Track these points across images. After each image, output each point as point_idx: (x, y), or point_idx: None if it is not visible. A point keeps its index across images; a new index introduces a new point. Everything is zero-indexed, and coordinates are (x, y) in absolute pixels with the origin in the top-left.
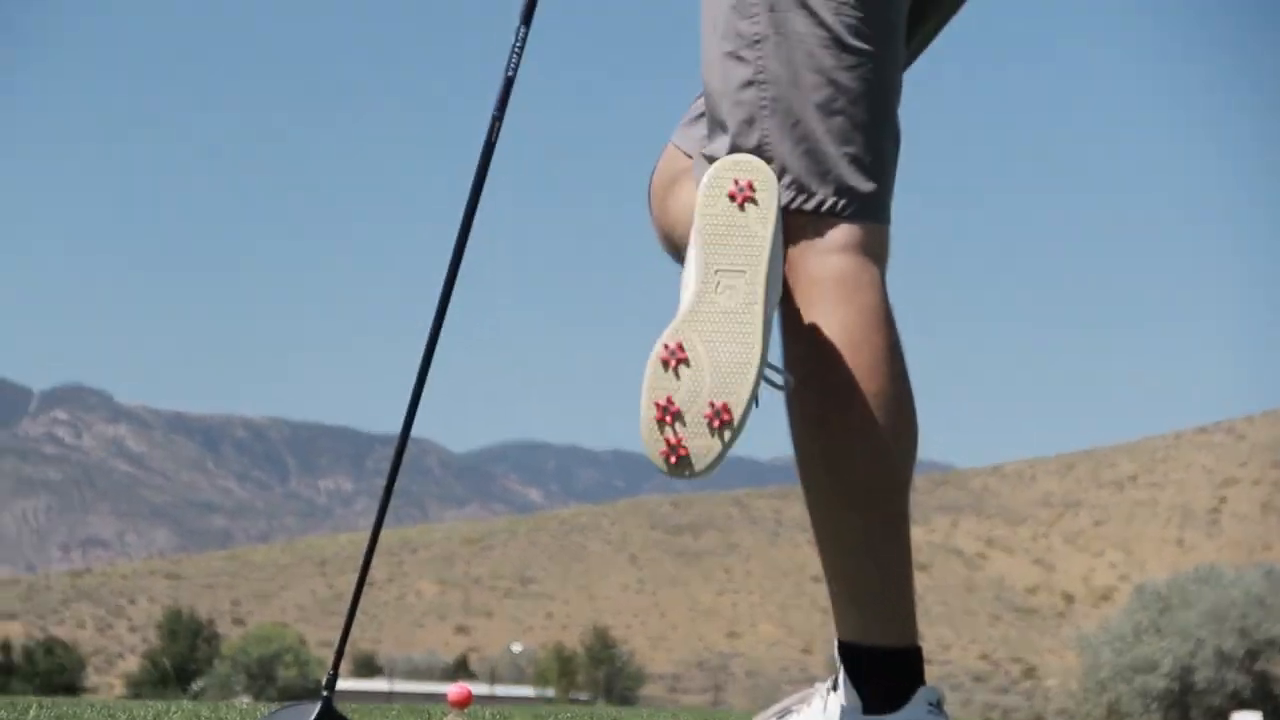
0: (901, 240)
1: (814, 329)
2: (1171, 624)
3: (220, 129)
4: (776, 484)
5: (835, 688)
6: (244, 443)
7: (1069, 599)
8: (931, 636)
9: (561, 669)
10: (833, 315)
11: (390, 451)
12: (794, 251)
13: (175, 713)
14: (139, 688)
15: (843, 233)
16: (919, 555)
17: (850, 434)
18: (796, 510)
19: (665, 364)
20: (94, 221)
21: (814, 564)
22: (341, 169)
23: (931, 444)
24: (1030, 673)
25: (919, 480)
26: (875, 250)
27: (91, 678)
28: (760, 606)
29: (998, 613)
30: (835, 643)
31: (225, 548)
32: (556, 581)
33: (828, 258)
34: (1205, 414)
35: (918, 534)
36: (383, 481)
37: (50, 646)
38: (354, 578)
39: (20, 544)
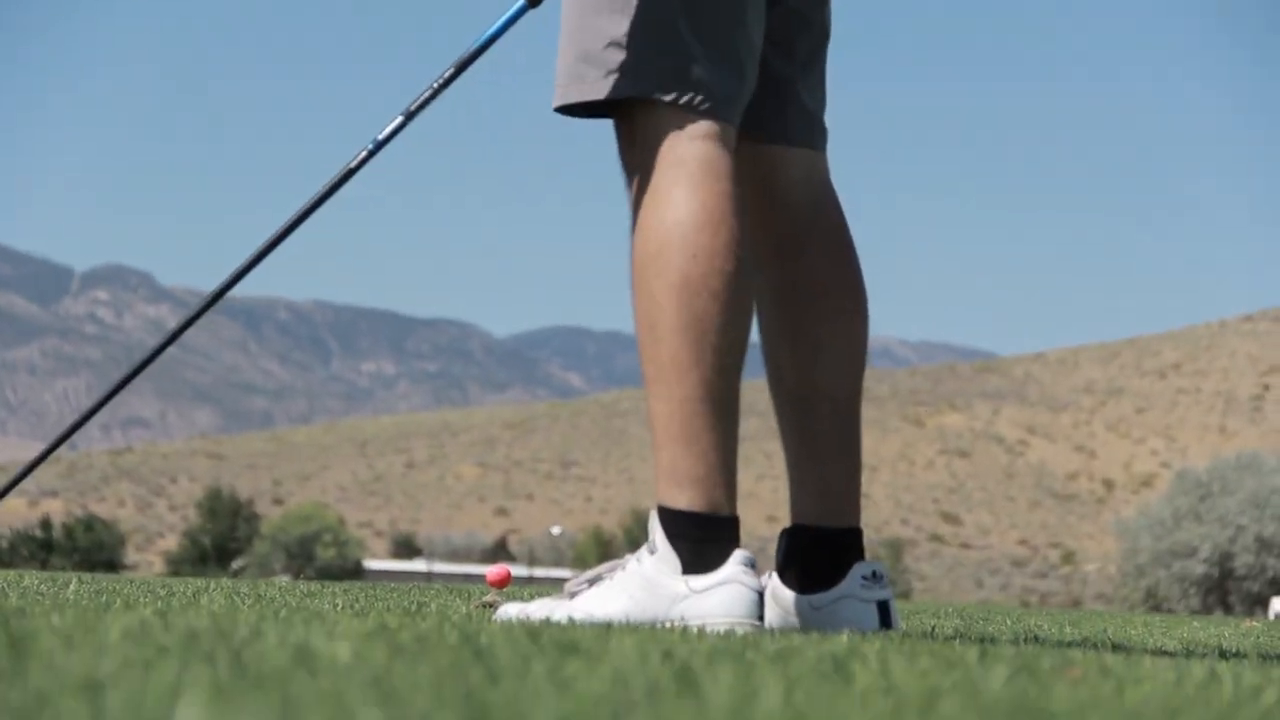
0: (949, 131)
1: (673, 204)
2: (1211, 510)
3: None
4: None
5: (653, 551)
6: (286, 325)
7: (1109, 485)
8: (971, 522)
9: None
10: (695, 194)
11: (431, 336)
12: (660, 139)
13: (214, 590)
14: (178, 566)
15: (704, 126)
16: (965, 441)
17: (683, 307)
18: None
19: None
20: (138, 101)
21: None
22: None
23: (974, 331)
24: (1069, 558)
25: (965, 368)
26: (730, 145)
27: (131, 555)
28: None
29: (1038, 499)
30: (654, 508)
31: (266, 428)
32: (597, 465)
33: (692, 143)
34: (1250, 302)
35: (959, 422)
36: (423, 365)
37: (90, 523)
38: (395, 459)
39: (61, 422)
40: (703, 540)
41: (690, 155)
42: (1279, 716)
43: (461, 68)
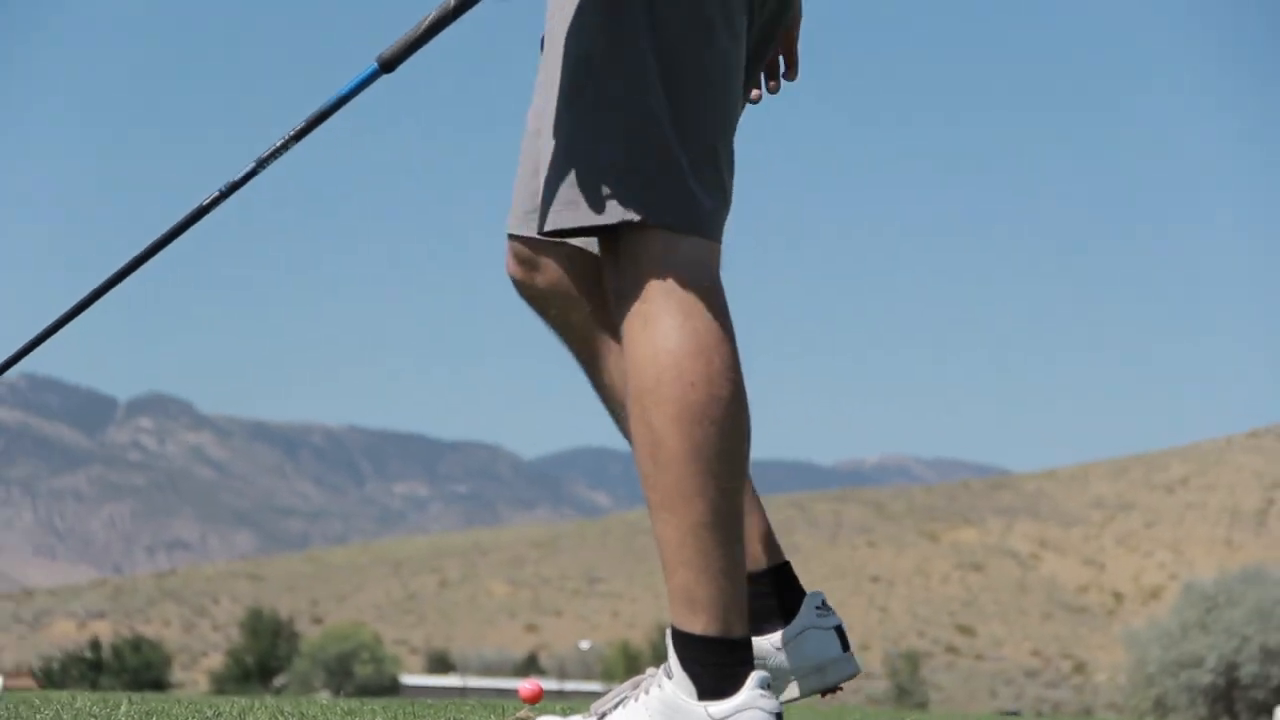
0: (960, 246)
1: (665, 332)
2: (1218, 621)
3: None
4: (836, 488)
5: (670, 675)
6: (321, 449)
7: (1119, 598)
8: (985, 634)
9: (628, 665)
10: (687, 321)
11: (461, 458)
12: (651, 262)
13: (259, 708)
14: (223, 684)
15: (693, 246)
16: (978, 556)
17: (685, 436)
18: (855, 513)
19: None
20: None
21: (872, 564)
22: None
23: (987, 448)
24: (1080, 668)
25: (978, 484)
26: (717, 263)
27: (177, 674)
28: None
29: (1049, 611)
30: (669, 631)
31: (303, 550)
32: (623, 581)
33: (682, 267)
34: (1255, 418)
35: (973, 537)
36: (454, 486)
37: (138, 644)
38: (429, 578)
39: (108, 547)
40: (718, 665)
41: (680, 279)
42: None
43: (313, 124)
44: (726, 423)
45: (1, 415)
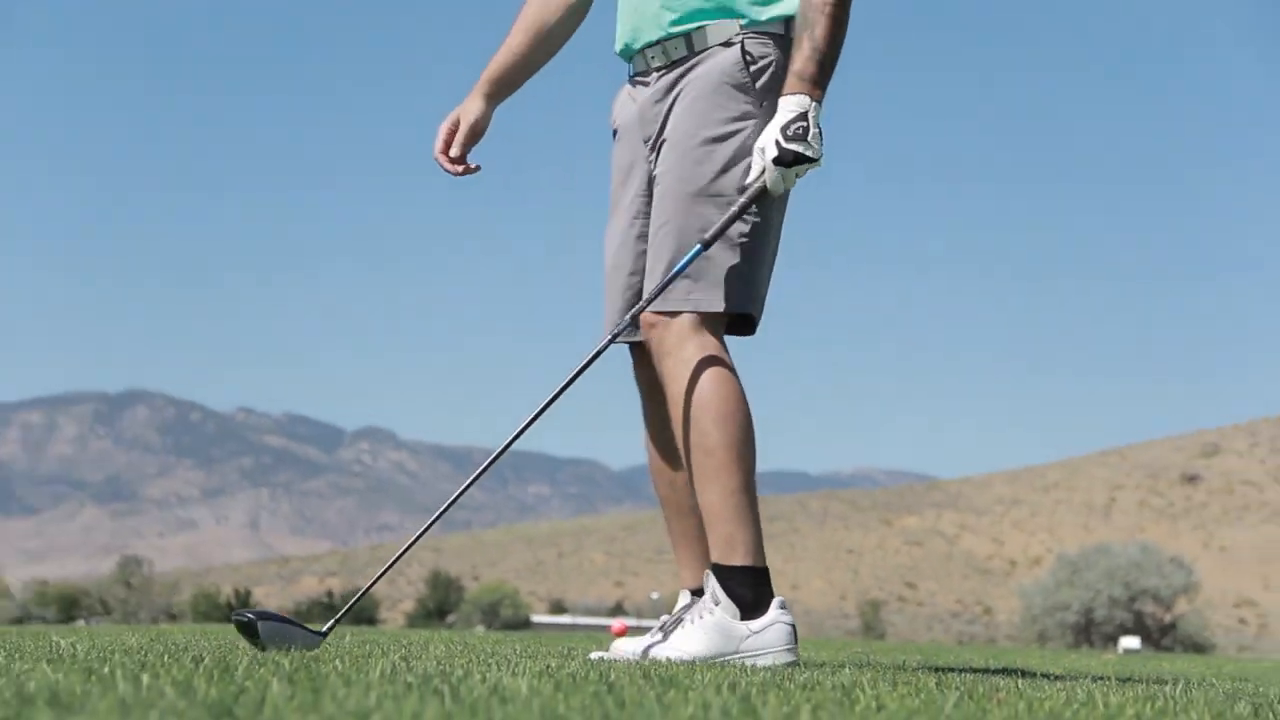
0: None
1: (703, 395)
2: (1080, 580)
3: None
4: (823, 489)
5: (717, 602)
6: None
7: (1014, 564)
8: (924, 589)
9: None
10: (719, 389)
11: (572, 469)
12: (693, 336)
13: (438, 640)
14: (413, 620)
15: (717, 333)
16: (919, 535)
17: (726, 430)
18: (836, 507)
19: None
20: (386, 297)
21: (848, 542)
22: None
23: (925, 461)
24: (988, 611)
25: (919, 487)
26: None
27: (383, 614)
28: (813, 569)
29: (967, 574)
30: (710, 570)
31: (468, 531)
32: None
33: (714, 351)
34: (1103, 442)
35: (916, 523)
36: (567, 489)
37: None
38: (550, 550)
39: (339, 528)
40: (753, 589)
41: (724, 353)
42: None
43: (659, 291)
44: (746, 426)
45: (272, 440)
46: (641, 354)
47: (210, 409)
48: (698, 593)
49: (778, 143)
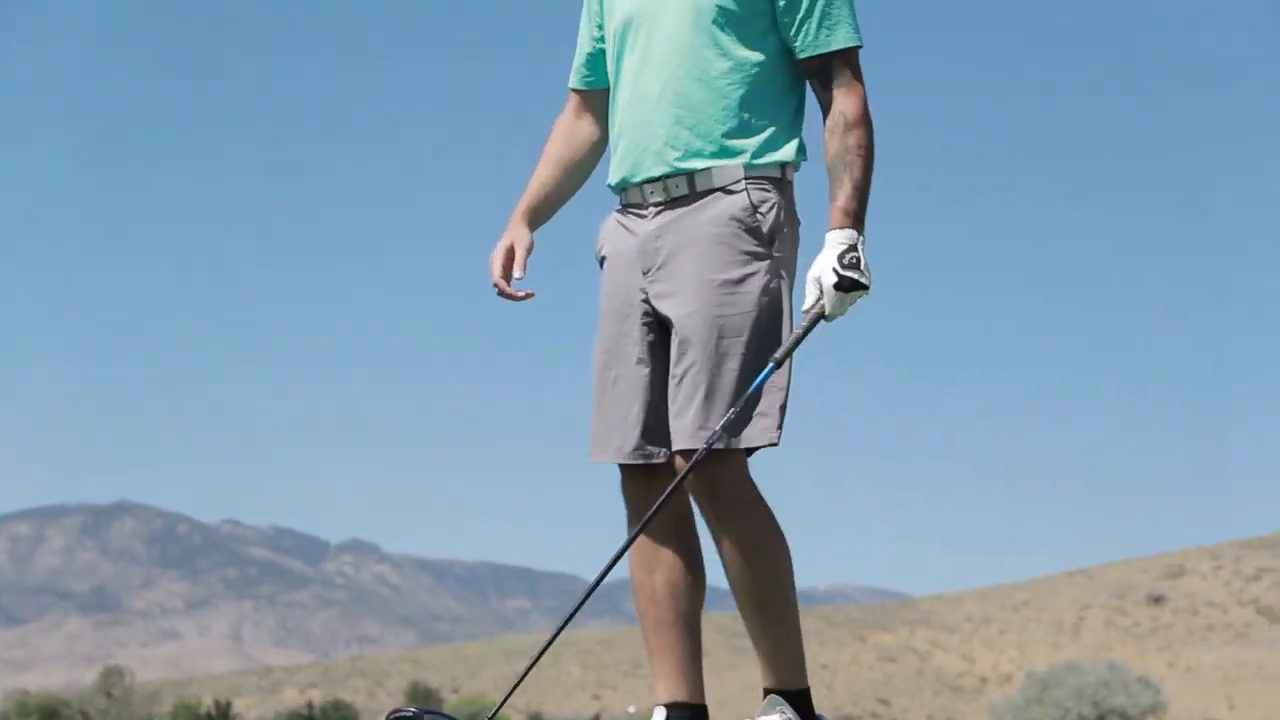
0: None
1: (774, 539)
2: (1050, 698)
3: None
4: (800, 606)
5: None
6: (461, 576)
7: (984, 680)
8: (897, 705)
9: None
10: (778, 530)
11: (552, 583)
12: (746, 474)
13: None
14: None
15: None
16: (892, 652)
17: (773, 568)
18: (811, 623)
19: None
20: (365, 413)
21: (822, 657)
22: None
23: (898, 579)
24: None
25: (891, 605)
26: None
27: None
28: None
29: (939, 690)
30: (774, 693)
31: (448, 643)
32: None
33: (751, 480)
34: (1073, 562)
35: (889, 640)
36: (547, 602)
37: (338, 705)
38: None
39: (321, 640)
40: (808, 709)
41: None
42: None
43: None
44: (789, 560)
45: (257, 553)
46: (636, 473)
47: (197, 520)
48: (673, 707)
49: (835, 270)
